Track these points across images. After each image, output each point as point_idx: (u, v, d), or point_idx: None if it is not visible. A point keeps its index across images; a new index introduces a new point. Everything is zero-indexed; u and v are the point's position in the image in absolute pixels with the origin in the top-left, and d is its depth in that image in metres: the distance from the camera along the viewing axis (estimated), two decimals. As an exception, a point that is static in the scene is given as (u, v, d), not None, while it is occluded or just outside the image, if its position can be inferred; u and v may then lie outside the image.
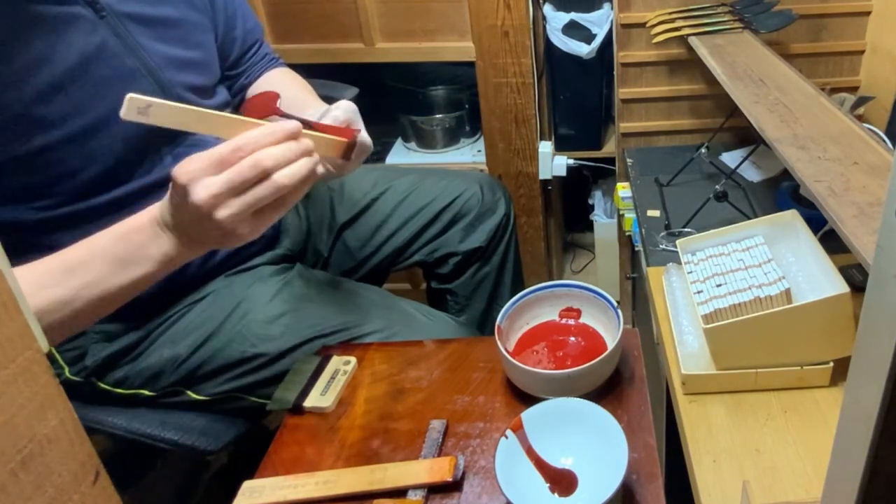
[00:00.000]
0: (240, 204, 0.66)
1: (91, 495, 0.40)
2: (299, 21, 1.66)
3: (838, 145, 0.88)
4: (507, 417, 0.80)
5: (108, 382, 0.95)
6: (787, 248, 0.94)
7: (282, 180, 0.67)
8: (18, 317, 0.35)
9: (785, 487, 0.75)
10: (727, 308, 0.84)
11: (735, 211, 1.17)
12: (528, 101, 1.65)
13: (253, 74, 1.14)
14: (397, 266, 1.22)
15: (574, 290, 0.89)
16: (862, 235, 0.70)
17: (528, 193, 1.78)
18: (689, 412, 0.85)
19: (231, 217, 0.66)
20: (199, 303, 0.96)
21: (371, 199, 1.19)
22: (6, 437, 0.35)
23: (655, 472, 0.71)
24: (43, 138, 0.78)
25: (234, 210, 0.66)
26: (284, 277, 1.00)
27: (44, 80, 0.77)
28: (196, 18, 0.97)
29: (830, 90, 1.36)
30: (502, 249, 1.24)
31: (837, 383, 0.85)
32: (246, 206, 0.66)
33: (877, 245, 0.34)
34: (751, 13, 1.33)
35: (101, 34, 0.82)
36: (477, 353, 0.90)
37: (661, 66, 1.49)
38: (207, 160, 0.66)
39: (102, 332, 0.93)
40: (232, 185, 0.65)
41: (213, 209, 0.65)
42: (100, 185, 0.84)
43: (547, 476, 0.70)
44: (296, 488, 0.73)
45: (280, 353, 0.93)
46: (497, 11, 1.55)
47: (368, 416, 0.83)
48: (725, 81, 1.10)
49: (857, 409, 0.39)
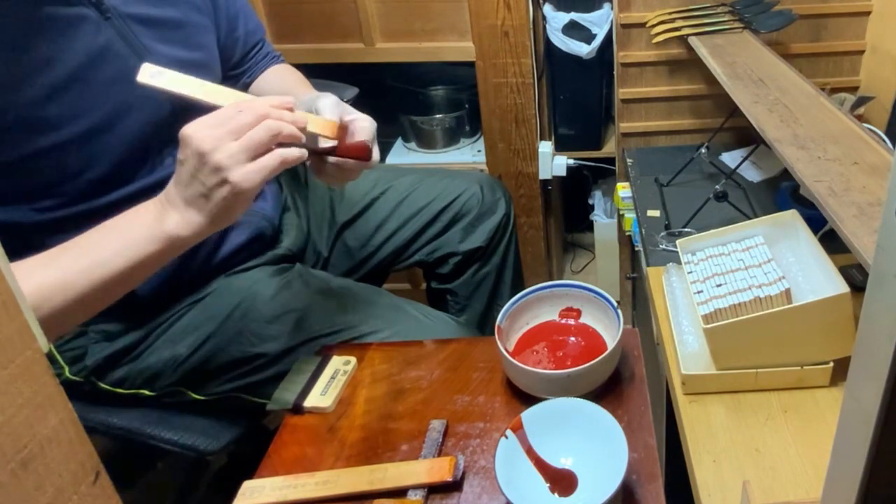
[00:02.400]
0: (237, 145, 0.68)
1: (91, 495, 0.40)
2: (299, 21, 1.66)
3: (838, 145, 0.88)
4: (507, 417, 0.80)
5: (108, 382, 0.95)
6: (787, 248, 0.94)
7: (274, 123, 0.70)
8: (18, 317, 0.35)
9: (785, 487, 0.75)
10: (727, 308, 0.84)
11: (735, 211, 1.17)
12: (528, 101, 1.65)
13: (255, 74, 1.14)
14: (397, 266, 1.22)
15: (574, 290, 0.89)
16: (862, 235, 0.70)
17: (528, 193, 1.78)
18: (689, 412, 0.85)
19: (230, 157, 0.68)
20: (200, 303, 0.96)
21: (371, 199, 1.19)
22: (6, 437, 0.35)
23: (655, 472, 0.71)
24: (47, 139, 0.78)
25: (232, 151, 0.68)
26: (284, 277, 1.00)
27: (49, 81, 0.77)
28: (199, 20, 0.97)
29: (830, 90, 1.36)
30: (502, 249, 1.24)
31: (837, 383, 0.85)
32: (242, 148, 0.68)
33: (877, 245, 0.34)
34: (751, 13, 1.33)
35: (106, 35, 0.82)
36: (477, 353, 0.90)
37: (661, 66, 1.49)
38: (210, 117, 0.70)
39: (102, 332, 0.93)
40: (227, 126, 0.68)
41: (213, 150, 0.67)
42: (102, 186, 0.84)
43: (547, 476, 0.70)
44: (296, 488, 0.73)
45: (280, 353, 0.93)
46: (497, 11, 1.55)
47: (368, 416, 0.83)
48: (725, 81, 1.10)
49: (857, 409, 0.39)
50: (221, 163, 0.67)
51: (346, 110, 0.86)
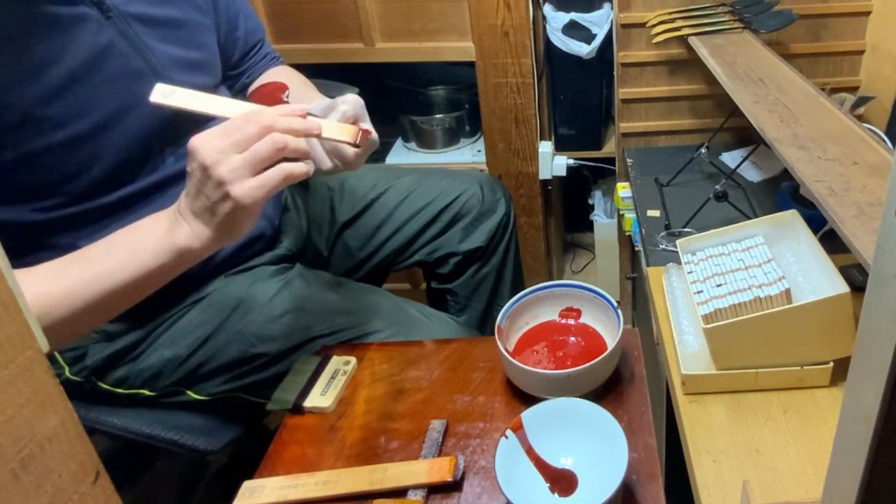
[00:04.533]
0: (240, 159, 0.67)
1: (91, 495, 0.40)
2: (299, 21, 1.66)
3: (838, 145, 0.88)
4: (507, 417, 0.80)
5: (108, 382, 0.95)
6: (787, 248, 0.94)
7: (279, 137, 0.68)
8: (18, 317, 0.35)
9: (785, 487, 0.75)
10: (727, 308, 0.84)
11: (735, 211, 1.17)
12: (528, 101, 1.65)
13: (254, 74, 1.14)
14: (397, 266, 1.22)
15: (574, 290, 0.89)
16: (862, 235, 0.70)
17: (528, 193, 1.78)
18: (689, 412, 0.85)
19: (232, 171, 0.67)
20: (200, 303, 0.96)
21: (371, 199, 1.19)
22: (6, 437, 0.35)
23: (655, 472, 0.71)
24: (49, 138, 0.78)
25: (235, 165, 0.67)
26: (284, 277, 1.00)
27: (51, 80, 0.77)
28: (199, 19, 0.97)
29: (830, 90, 1.36)
30: (502, 249, 1.24)
31: (837, 383, 0.85)
32: (245, 162, 0.67)
33: (877, 245, 0.34)
34: (751, 13, 1.33)
35: (107, 34, 0.82)
36: (477, 353, 0.90)
37: (661, 66, 1.49)
38: (218, 128, 0.69)
39: (103, 332, 0.93)
40: (232, 138, 0.67)
41: (216, 163, 0.67)
42: (104, 186, 0.84)
43: (547, 476, 0.70)
44: (296, 488, 0.73)
45: (280, 353, 0.93)
46: (497, 11, 1.55)
47: (368, 416, 0.83)
48: (725, 81, 1.10)
49: (857, 409, 0.39)
50: (224, 177, 0.67)
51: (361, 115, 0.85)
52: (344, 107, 0.83)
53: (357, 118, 0.83)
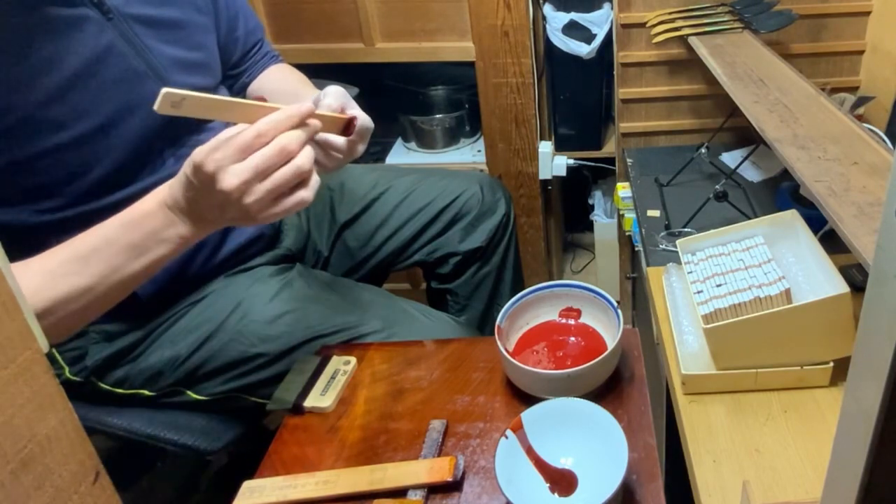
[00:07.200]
0: (265, 189, 0.68)
1: (91, 495, 0.40)
2: (299, 21, 1.66)
3: (838, 145, 0.88)
4: (507, 417, 0.80)
5: (108, 382, 0.95)
6: (787, 248, 0.94)
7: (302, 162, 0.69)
8: (18, 317, 0.35)
9: (785, 487, 0.75)
10: (727, 308, 0.84)
11: (735, 211, 1.17)
12: (528, 101, 1.65)
13: (254, 74, 1.14)
14: (397, 266, 1.22)
15: (574, 290, 0.89)
16: (862, 235, 0.70)
17: (528, 193, 1.78)
18: (689, 412, 0.85)
19: (257, 202, 0.68)
20: (200, 303, 0.96)
21: (371, 199, 1.19)
22: (6, 437, 0.35)
23: (655, 472, 0.71)
24: (50, 140, 0.78)
25: (260, 195, 0.68)
26: (284, 277, 1.00)
27: (52, 81, 0.77)
28: (199, 20, 0.97)
29: (830, 90, 1.36)
30: (502, 249, 1.24)
31: (837, 383, 0.85)
32: (269, 191, 0.68)
33: (877, 245, 0.34)
34: (751, 13, 1.33)
35: (108, 36, 0.82)
36: (477, 353, 0.90)
37: (661, 66, 1.49)
38: (232, 147, 0.67)
39: (102, 332, 0.93)
40: (258, 171, 0.67)
41: (242, 195, 0.67)
42: (104, 187, 0.84)
43: (547, 476, 0.70)
44: (296, 488, 0.73)
45: (280, 353, 0.93)
46: (497, 11, 1.55)
47: (368, 416, 0.83)
48: (725, 81, 1.10)
49: (857, 409, 0.39)
50: (251, 208, 0.68)
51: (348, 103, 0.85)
52: (328, 100, 0.83)
53: (343, 108, 0.83)
